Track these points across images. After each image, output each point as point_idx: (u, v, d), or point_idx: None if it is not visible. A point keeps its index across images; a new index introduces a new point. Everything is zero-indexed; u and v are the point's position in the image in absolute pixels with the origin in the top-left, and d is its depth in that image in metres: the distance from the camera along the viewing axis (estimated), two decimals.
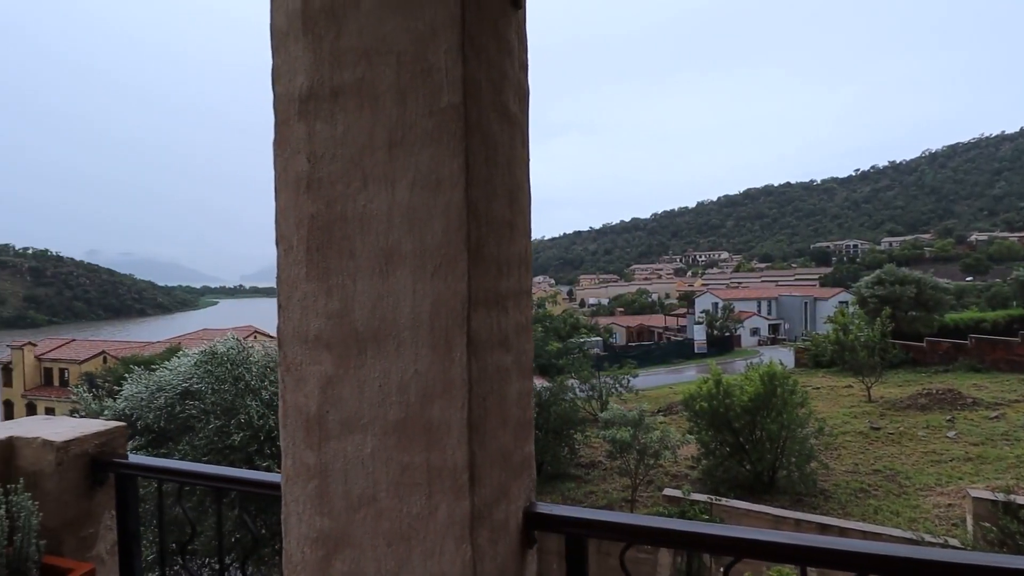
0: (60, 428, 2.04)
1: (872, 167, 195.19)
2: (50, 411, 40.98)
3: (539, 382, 17.89)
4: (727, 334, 46.44)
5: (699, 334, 44.45)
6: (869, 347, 21.34)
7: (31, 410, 42.63)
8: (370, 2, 1.18)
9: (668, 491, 10.58)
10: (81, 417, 7.72)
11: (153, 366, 7.27)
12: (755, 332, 52.26)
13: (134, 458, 2.03)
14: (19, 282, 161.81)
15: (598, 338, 43.29)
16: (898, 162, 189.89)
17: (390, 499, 1.18)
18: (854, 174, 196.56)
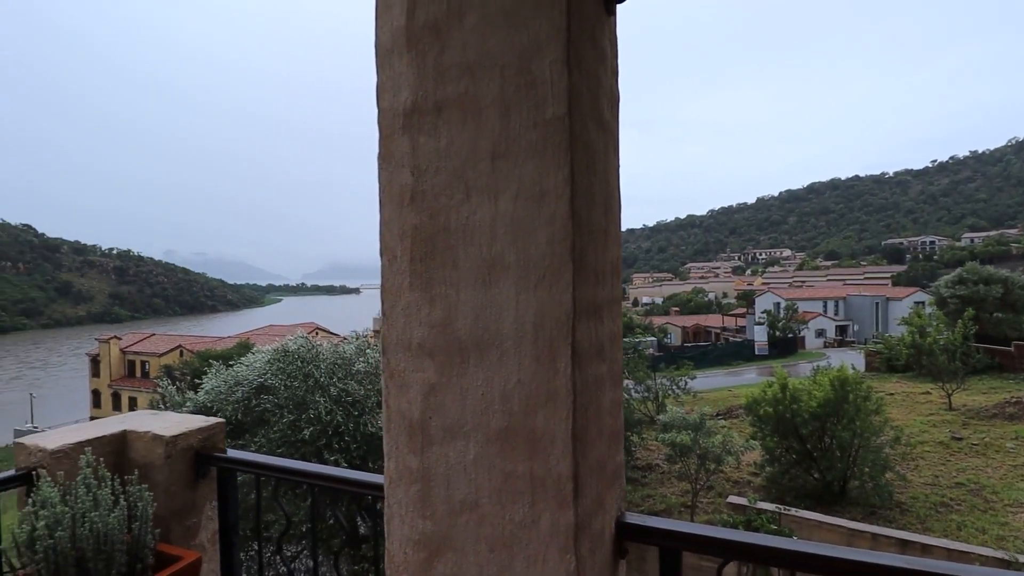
0: (167, 423, 2.18)
1: (951, 158, 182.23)
2: (133, 401, 44.09)
3: None
4: (790, 335, 44.52)
5: (760, 335, 42.82)
6: (949, 351, 19.94)
7: (116, 399, 46.00)
8: (474, 18, 1.20)
9: (733, 499, 10.26)
10: (164, 408, 8.27)
11: (231, 362, 7.68)
12: (820, 334, 49.88)
13: (232, 453, 2.16)
14: (105, 280, 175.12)
15: (652, 338, 42.45)
16: (980, 152, 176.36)
17: (492, 505, 1.20)
18: (931, 165, 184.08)
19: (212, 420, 2.20)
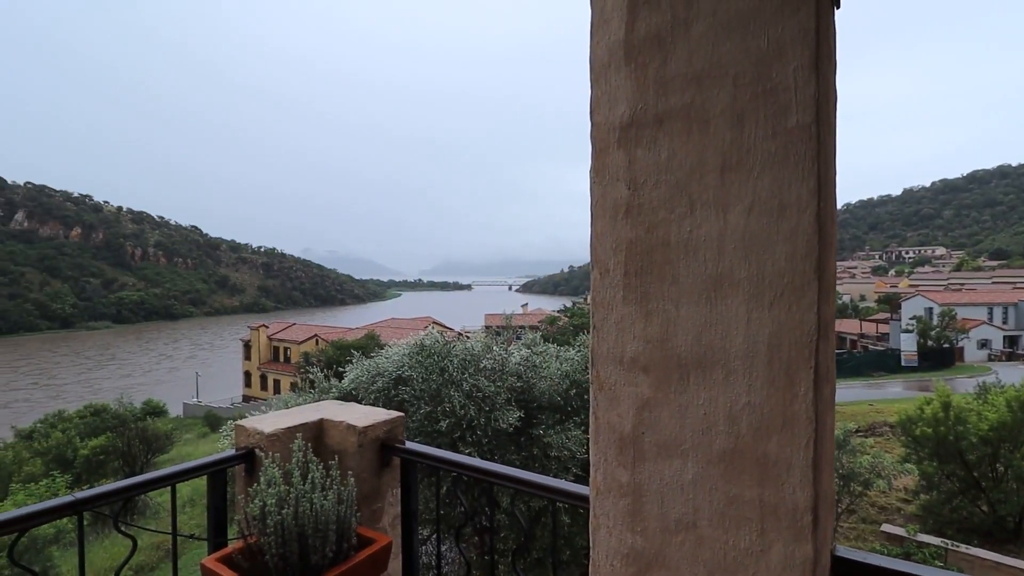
0: (356, 414, 2.38)
1: None
2: (277, 383, 49.32)
3: None
4: (946, 346, 39.17)
5: (907, 344, 38.08)
6: None
7: (263, 381, 51.71)
8: (702, 26, 1.16)
9: (888, 527, 9.21)
10: (311, 391, 9.09)
11: (371, 354, 8.29)
12: (984, 344, 43.40)
13: (412, 445, 2.31)
14: (254, 274, 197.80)
15: None
16: None
17: (713, 529, 1.17)
18: None
19: (394, 413, 2.37)
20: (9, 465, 23.35)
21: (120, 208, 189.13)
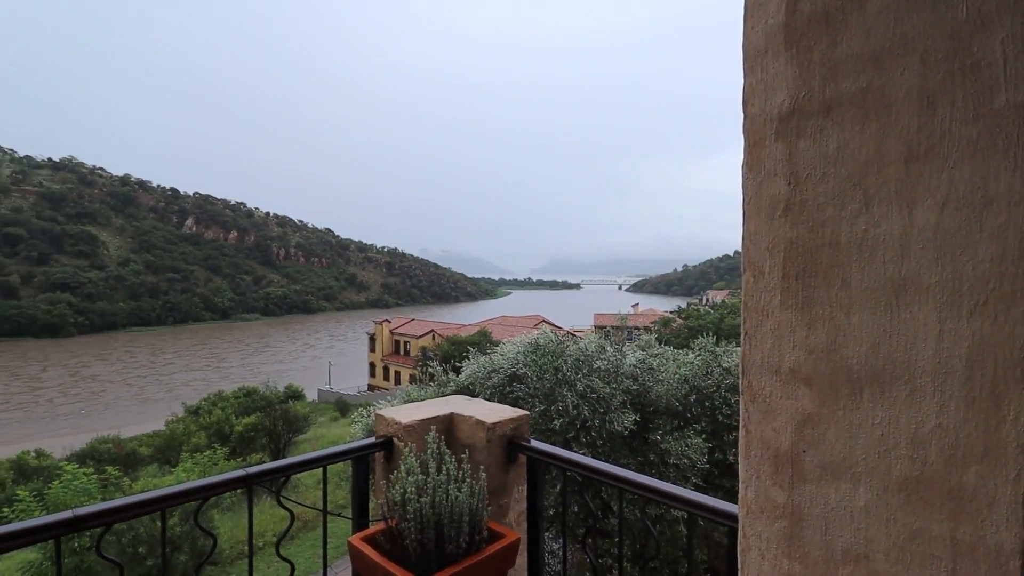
0: (483, 409, 2.45)
1: None
2: (397, 375, 52.60)
3: None
4: None
5: None
6: None
7: (386, 372, 55.42)
8: (880, 0, 1.04)
9: None
10: (431, 384, 9.55)
11: (488, 351, 8.54)
12: None
13: (537, 443, 2.33)
14: (378, 273, 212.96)
15: None
16: None
17: (890, 565, 1.04)
18: None
19: (520, 411, 2.41)
20: (180, 436, 27.24)
21: (267, 213, 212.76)
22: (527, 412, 2.40)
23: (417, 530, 1.86)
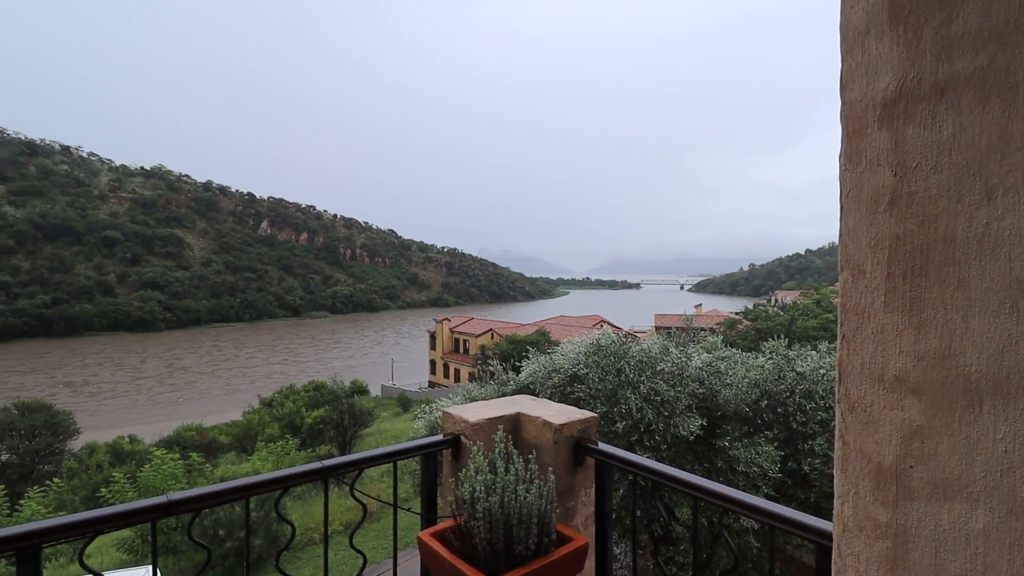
0: (550, 410, 2.42)
1: None
2: (456, 372, 53.47)
3: None
4: None
5: None
6: None
7: (445, 369, 56.47)
8: None
9: None
10: (491, 382, 9.62)
11: (548, 350, 8.50)
12: None
13: (605, 447, 2.28)
14: (438, 272, 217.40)
15: None
16: None
17: None
18: None
19: (587, 413, 2.37)
20: (256, 427, 28.84)
21: (335, 216, 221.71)
22: (595, 414, 2.36)
23: (486, 529, 1.86)
